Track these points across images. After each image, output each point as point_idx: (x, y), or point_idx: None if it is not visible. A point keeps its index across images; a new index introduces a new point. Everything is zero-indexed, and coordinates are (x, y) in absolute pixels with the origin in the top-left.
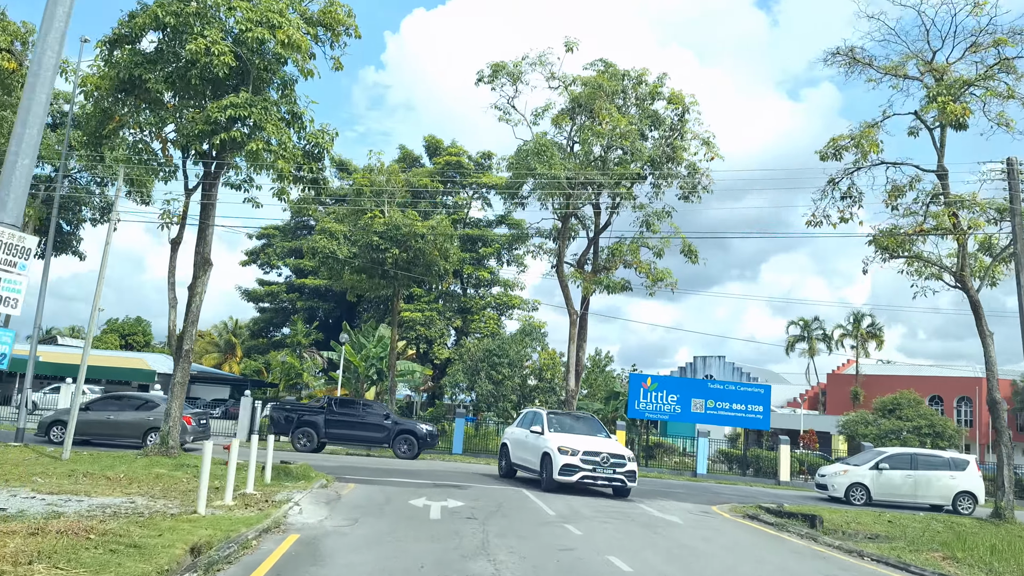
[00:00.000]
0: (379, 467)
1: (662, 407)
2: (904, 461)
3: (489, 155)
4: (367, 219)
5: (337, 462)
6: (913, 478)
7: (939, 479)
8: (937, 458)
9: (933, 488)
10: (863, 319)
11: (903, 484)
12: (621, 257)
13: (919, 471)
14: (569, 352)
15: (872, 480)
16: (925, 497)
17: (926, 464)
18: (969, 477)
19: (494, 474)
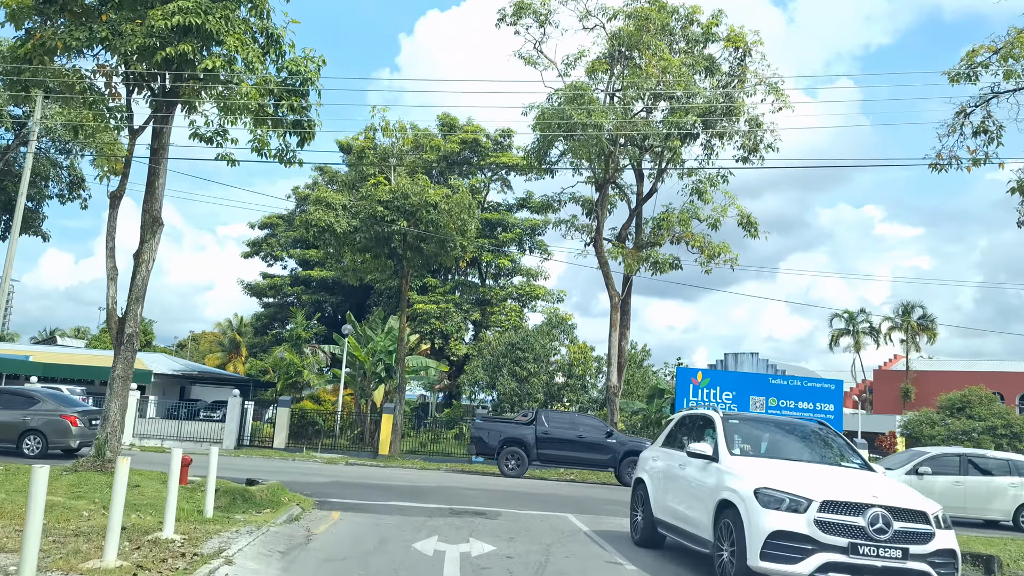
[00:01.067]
0: (381, 483)
1: (716, 406)
2: (951, 464)
3: (508, 133)
4: (369, 186)
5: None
6: (963, 486)
7: (997, 487)
8: (994, 460)
9: (989, 498)
10: (913, 310)
11: (950, 493)
12: (669, 230)
13: (971, 477)
14: (610, 341)
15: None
16: (979, 510)
17: (980, 468)
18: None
19: (529, 493)
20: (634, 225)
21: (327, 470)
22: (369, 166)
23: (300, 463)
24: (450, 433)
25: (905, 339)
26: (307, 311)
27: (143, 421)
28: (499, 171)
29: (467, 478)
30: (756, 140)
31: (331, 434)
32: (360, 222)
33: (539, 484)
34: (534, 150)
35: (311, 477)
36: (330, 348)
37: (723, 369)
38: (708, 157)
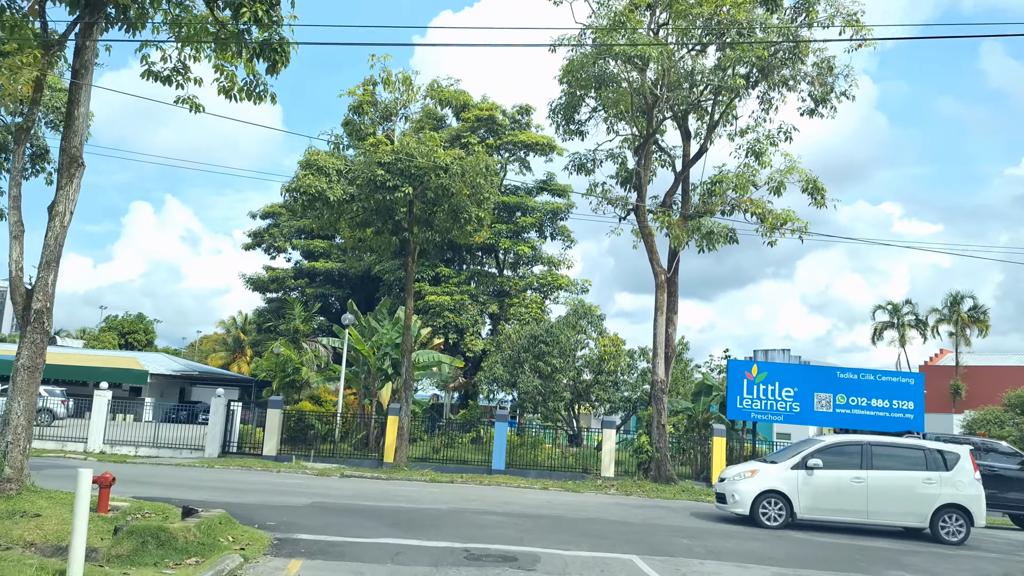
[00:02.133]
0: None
1: (774, 404)
2: (850, 454)
3: (527, 109)
4: (368, 146)
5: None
6: (866, 483)
7: (910, 484)
8: (907, 449)
9: (900, 499)
10: (963, 301)
11: (848, 493)
12: (722, 196)
13: (876, 471)
14: (655, 326)
15: (796, 486)
16: (886, 514)
17: (888, 459)
18: (959, 480)
19: (570, 516)
20: (680, 192)
21: (313, 486)
22: (368, 126)
23: (284, 476)
24: (466, 437)
25: (954, 332)
26: (310, 303)
27: (115, 425)
28: (517, 151)
29: (488, 492)
30: (828, 87)
31: (330, 439)
32: (357, 189)
33: (580, 499)
34: (560, 107)
35: (288, 497)
36: (331, 342)
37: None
38: (766, 112)
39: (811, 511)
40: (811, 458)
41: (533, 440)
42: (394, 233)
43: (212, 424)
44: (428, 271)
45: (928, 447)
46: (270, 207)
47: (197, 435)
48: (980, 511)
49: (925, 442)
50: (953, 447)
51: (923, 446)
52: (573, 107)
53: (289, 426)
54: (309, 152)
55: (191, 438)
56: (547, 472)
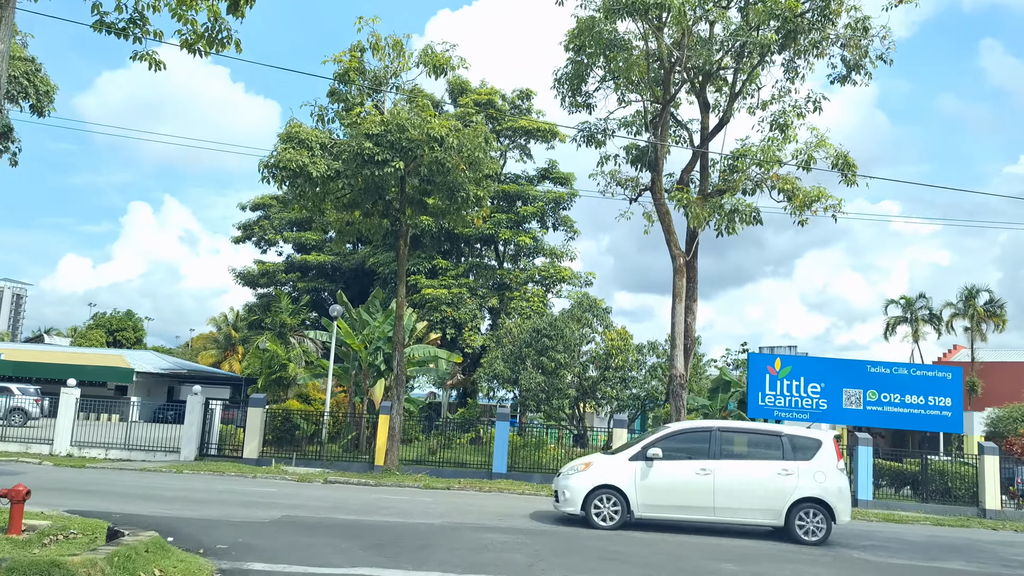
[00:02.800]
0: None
1: (799, 401)
2: (697, 442)
3: (527, 94)
4: (355, 116)
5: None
6: (713, 476)
7: (763, 476)
8: (761, 436)
9: (751, 493)
10: (978, 295)
11: (693, 487)
12: (745, 172)
13: (725, 461)
14: (674, 315)
15: (634, 480)
16: (736, 510)
17: (740, 447)
18: (819, 471)
19: (594, 536)
20: (698, 169)
21: (289, 495)
22: (355, 96)
23: (260, 483)
24: (465, 437)
25: (969, 327)
26: (303, 299)
27: (85, 425)
28: (517, 138)
29: (488, 501)
30: (863, 50)
31: (317, 440)
32: (343, 164)
33: None
34: (566, 77)
35: (255, 510)
36: (319, 336)
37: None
38: (791, 81)
39: (650, 509)
40: (651, 447)
41: (536, 441)
42: (385, 215)
43: (188, 424)
44: (424, 263)
45: (787, 433)
46: (260, 199)
47: (174, 436)
48: (843, 506)
49: (784, 427)
50: (815, 433)
51: (781, 432)
52: (580, 77)
53: (275, 426)
54: (290, 124)
55: (167, 440)
56: (552, 475)
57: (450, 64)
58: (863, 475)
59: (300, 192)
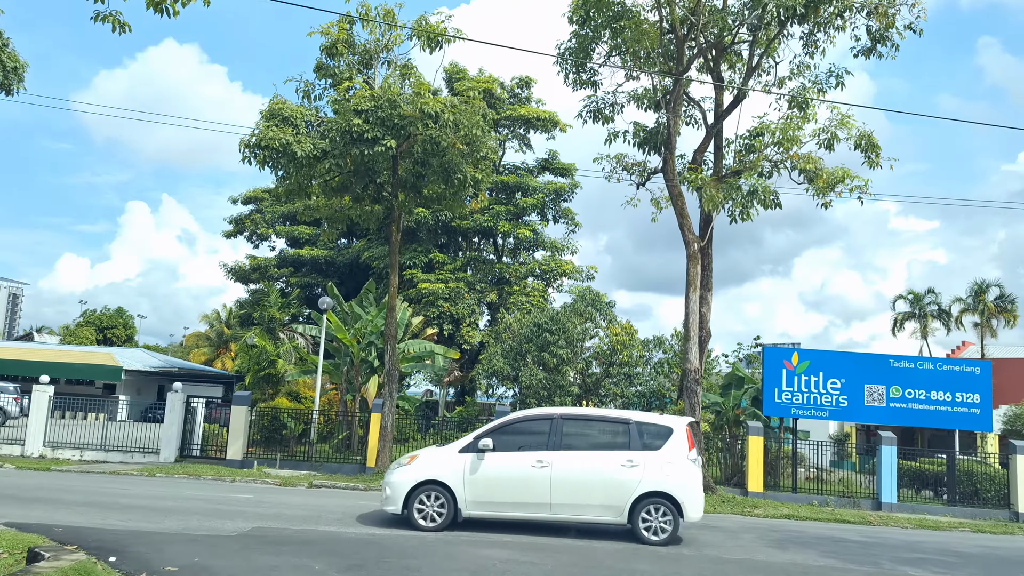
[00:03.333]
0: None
1: (818, 398)
2: (536, 432)
3: (527, 82)
4: (342, 91)
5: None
6: (550, 468)
7: (605, 468)
8: (605, 424)
9: (591, 487)
10: (988, 290)
11: (527, 480)
12: (761, 152)
13: (564, 453)
14: (688, 305)
15: (463, 474)
16: (574, 506)
17: (583, 437)
18: (667, 462)
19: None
20: (711, 150)
21: (266, 502)
22: (344, 70)
23: (237, 488)
24: (463, 436)
25: (979, 323)
26: (296, 295)
27: (63, 425)
28: (517, 127)
29: None
30: (890, 19)
31: (305, 440)
32: (330, 143)
33: None
34: (570, 51)
35: (222, 521)
36: (308, 330)
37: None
38: (810, 56)
39: (480, 507)
40: (483, 438)
41: None
42: (376, 201)
43: (167, 424)
44: (421, 257)
45: (636, 420)
46: (252, 192)
47: (156, 437)
48: (693, 500)
49: (634, 414)
50: (667, 420)
51: (629, 419)
52: (585, 51)
53: (262, 425)
54: (274, 101)
55: (147, 440)
56: None
57: (445, 36)
58: (887, 476)
59: (284, 171)
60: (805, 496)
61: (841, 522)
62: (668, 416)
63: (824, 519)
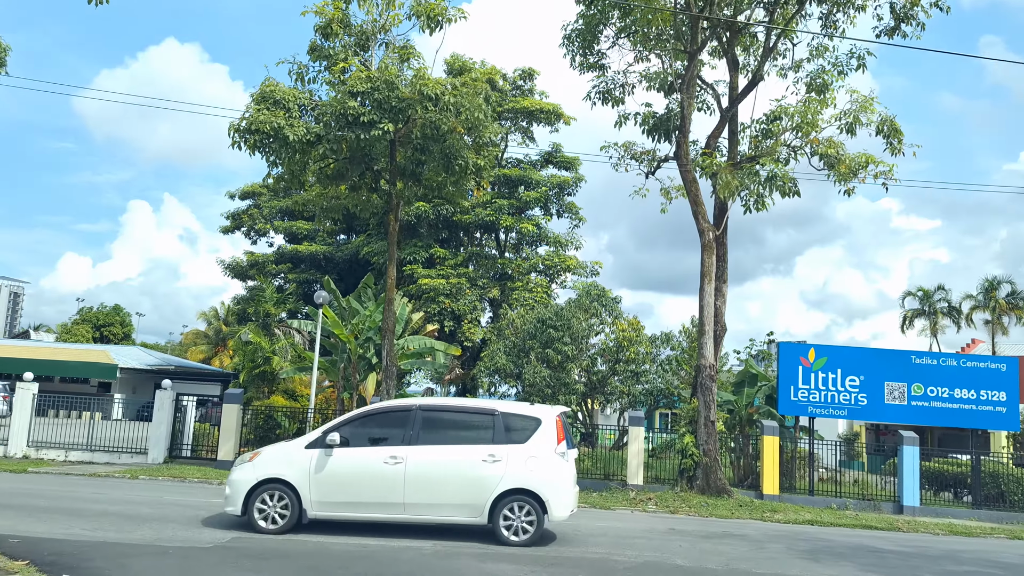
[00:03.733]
0: None
1: (836, 396)
2: (392, 425)
3: (530, 74)
4: (337, 72)
5: None
6: (404, 464)
7: (464, 464)
8: (471, 416)
9: (448, 485)
10: (999, 287)
11: (379, 478)
12: (778, 137)
13: (421, 447)
14: (702, 297)
15: (308, 472)
16: (430, 506)
17: (443, 430)
18: (532, 456)
19: None
20: (726, 135)
21: None
22: (338, 51)
23: (223, 492)
24: None
25: (990, 320)
26: (294, 291)
27: (48, 425)
28: (519, 120)
29: None
30: None
31: None
32: (324, 127)
33: (618, 523)
34: (577, 33)
35: (200, 531)
36: (304, 325)
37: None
38: (829, 37)
39: (327, 507)
40: (332, 431)
41: None
42: (374, 189)
43: (156, 423)
44: (421, 252)
45: (502, 411)
46: (250, 187)
47: (144, 436)
48: (559, 498)
49: (501, 405)
50: (537, 410)
51: (495, 410)
52: (593, 32)
53: (256, 425)
54: (265, 83)
55: (136, 439)
56: None
57: (446, 15)
58: (909, 478)
59: (274, 155)
60: (822, 499)
61: (868, 528)
62: (539, 407)
63: (849, 525)
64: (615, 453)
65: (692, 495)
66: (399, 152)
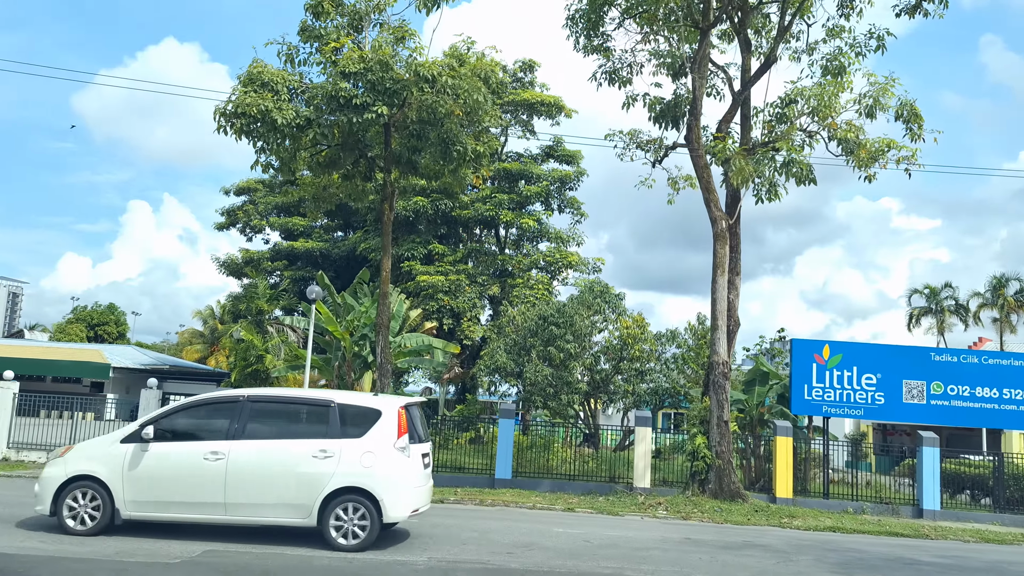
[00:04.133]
0: None
1: (852, 395)
2: (217, 417)
3: (531, 65)
4: (329, 52)
5: None
6: (226, 461)
7: (292, 460)
8: (305, 407)
9: (274, 483)
10: (1008, 284)
11: (199, 476)
12: (792, 122)
13: (247, 442)
14: (715, 290)
15: (121, 468)
16: (254, 506)
17: (272, 423)
18: (368, 452)
19: None
20: (738, 119)
21: None
22: (330, 31)
23: None
24: (464, 437)
25: (998, 318)
26: (284, 284)
27: (31, 425)
28: (519, 113)
29: (492, 524)
30: None
31: None
32: (315, 111)
33: (630, 531)
34: (581, 13)
35: (168, 542)
36: (296, 321)
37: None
38: (846, 18)
39: (141, 506)
40: (148, 425)
41: (545, 441)
42: (368, 177)
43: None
44: (420, 248)
45: (339, 403)
46: (245, 183)
47: None
48: (398, 497)
49: (337, 394)
50: (378, 401)
51: (331, 401)
52: (597, 12)
53: None
54: (253, 65)
55: None
56: (565, 482)
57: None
58: (929, 481)
59: (262, 140)
60: (838, 502)
61: (894, 535)
62: (383, 397)
63: (873, 532)
64: (620, 454)
65: (704, 499)
66: (394, 138)
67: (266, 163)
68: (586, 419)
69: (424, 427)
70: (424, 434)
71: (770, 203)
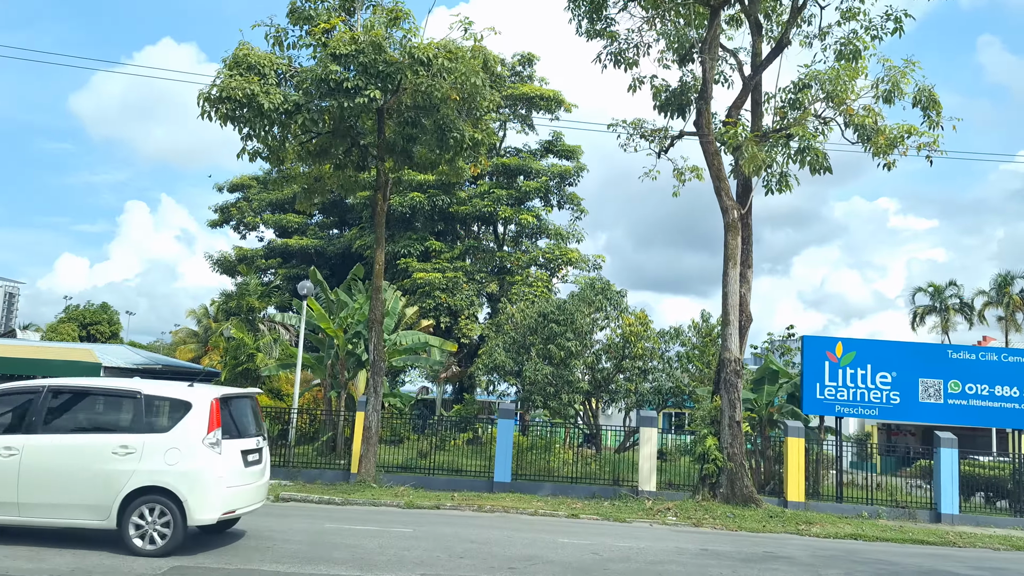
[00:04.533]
0: None
1: (866, 394)
2: (14, 408)
3: (530, 59)
4: (319, 33)
5: None
6: (20, 457)
7: (90, 456)
8: (111, 399)
9: (72, 481)
10: (1013, 283)
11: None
12: (809, 106)
13: (44, 436)
14: (726, 285)
15: None
16: (49, 506)
17: (77, 416)
18: (174, 448)
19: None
20: (750, 105)
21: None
22: (320, 12)
23: None
24: (461, 437)
25: (1004, 316)
26: (276, 281)
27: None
28: (518, 107)
29: (492, 533)
30: None
31: (283, 442)
32: (304, 95)
33: (641, 541)
34: None
35: (130, 557)
36: (288, 318)
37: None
38: (861, 1)
39: None
40: None
41: (545, 442)
42: (361, 167)
43: None
44: (416, 245)
45: (146, 394)
46: (238, 179)
47: None
48: (205, 498)
49: (145, 385)
50: (189, 393)
51: (138, 392)
52: None
53: None
54: (239, 47)
55: None
56: (566, 485)
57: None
58: (947, 484)
59: (248, 126)
60: (851, 506)
61: (919, 543)
62: (196, 388)
63: (897, 539)
64: (622, 456)
65: (715, 504)
66: (388, 125)
67: (253, 151)
68: (587, 419)
69: (255, 421)
70: (254, 428)
71: (780, 194)
